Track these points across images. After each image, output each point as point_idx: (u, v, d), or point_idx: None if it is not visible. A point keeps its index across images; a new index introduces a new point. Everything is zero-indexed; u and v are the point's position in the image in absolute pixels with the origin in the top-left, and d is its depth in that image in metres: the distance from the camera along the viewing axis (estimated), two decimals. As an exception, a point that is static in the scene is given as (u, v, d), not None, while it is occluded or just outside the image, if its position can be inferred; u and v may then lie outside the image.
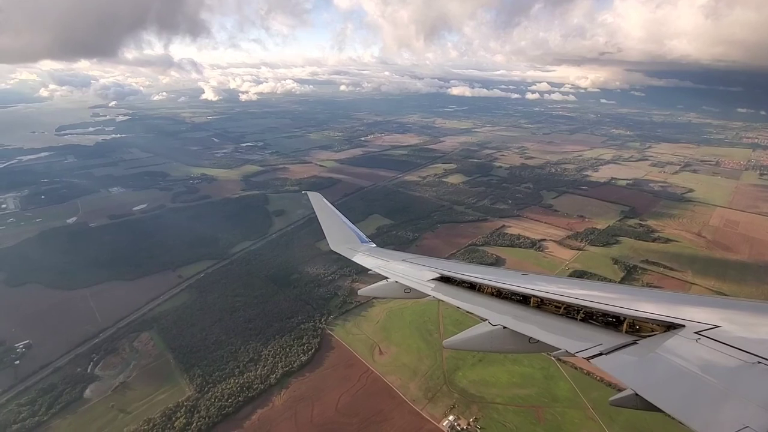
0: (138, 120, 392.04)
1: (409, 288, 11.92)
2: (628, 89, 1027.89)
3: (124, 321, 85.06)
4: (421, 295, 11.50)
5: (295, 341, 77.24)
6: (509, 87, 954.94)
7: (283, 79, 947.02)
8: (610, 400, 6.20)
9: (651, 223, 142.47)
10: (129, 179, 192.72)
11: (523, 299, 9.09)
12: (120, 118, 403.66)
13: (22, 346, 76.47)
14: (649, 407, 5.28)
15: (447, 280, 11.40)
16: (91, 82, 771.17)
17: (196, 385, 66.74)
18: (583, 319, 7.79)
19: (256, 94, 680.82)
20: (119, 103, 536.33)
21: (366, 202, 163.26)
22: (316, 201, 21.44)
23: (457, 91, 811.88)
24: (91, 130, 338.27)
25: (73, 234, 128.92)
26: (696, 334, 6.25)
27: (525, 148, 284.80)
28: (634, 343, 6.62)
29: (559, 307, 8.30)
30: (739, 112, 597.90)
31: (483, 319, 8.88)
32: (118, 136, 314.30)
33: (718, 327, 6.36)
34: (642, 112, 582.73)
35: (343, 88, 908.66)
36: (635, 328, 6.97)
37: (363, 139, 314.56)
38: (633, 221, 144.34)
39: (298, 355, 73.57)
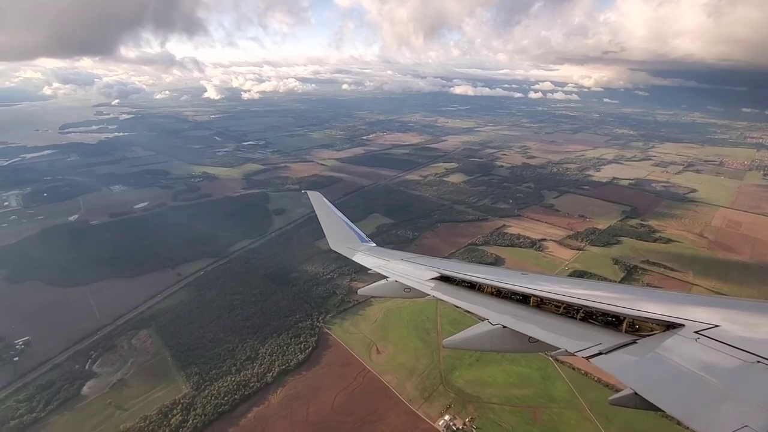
0: (141, 118, 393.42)
1: (409, 287, 11.91)
2: (632, 89, 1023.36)
3: (123, 318, 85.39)
4: (420, 295, 11.48)
5: (293, 340, 77.31)
6: (512, 86, 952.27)
7: (286, 78, 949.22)
8: (609, 399, 6.19)
9: (652, 223, 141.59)
10: (131, 177, 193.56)
11: (522, 299, 9.10)
12: (123, 117, 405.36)
13: (21, 343, 76.98)
14: (648, 407, 5.27)
15: (447, 279, 11.38)
16: (94, 80, 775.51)
17: (192, 383, 66.92)
18: (582, 319, 7.80)
19: (258, 92, 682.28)
20: (122, 102, 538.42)
21: (366, 201, 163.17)
22: (316, 200, 21.43)
23: (459, 90, 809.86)
24: (94, 128, 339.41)
25: (75, 232, 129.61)
26: (695, 333, 6.25)
27: (527, 147, 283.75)
28: (633, 342, 6.63)
29: (559, 306, 8.31)
30: (744, 112, 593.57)
31: (483, 319, 8.86)
32: (121, 134, 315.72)
33: (717, 326, 6.35)
34: (646, 111, 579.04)
35: (346, 86, 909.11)
36: (635, 328, 6.98)
37: (365, 138, 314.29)
38: (634, 221, 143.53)
39: (295, 354, 73.62)
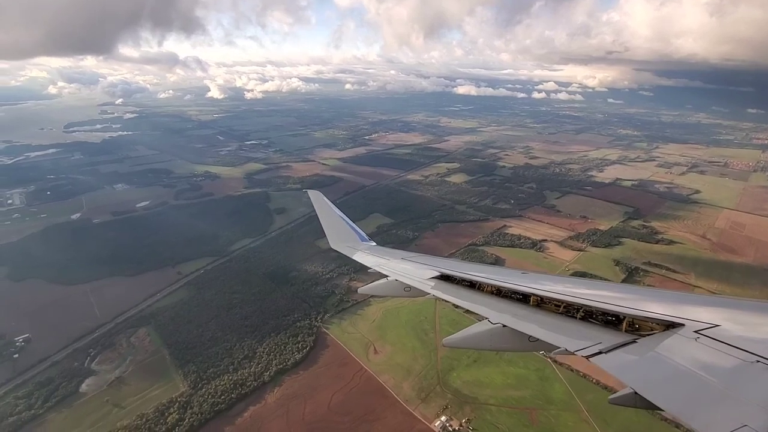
0: (145, 117, 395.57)
1: (409, 286, 11.87)
2: (637, 89, 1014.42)
3: (122, 317, 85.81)
4: (421, 294, 11.46)
5: (290, 339, 77.36)
6: (515, 86, 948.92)
7: (289, 78, 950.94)
8: (609, 398, 6.21)
9: (655, 224, 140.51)
10: (133, 176, 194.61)
11: (522, 298, 9.07)
12: (127, 116, 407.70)
13: (21, 340, 77.53)
14: (648, 406, 5.27)
15: (447, 278, 11.35)
16: (99, 79, 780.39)
17: (190, 382, 67.10)
18: (582, 318, 7.77)
19: (261, 92, 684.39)
20: (126, 101, 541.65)
21: (367, 200, 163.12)
22: (317, 199, 21.40)
23: (462, 90, 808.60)
24: (98, 127, 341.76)
25: (77, 230, 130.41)
26: (695, 333, 6.24)
27: (530, 147, 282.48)
28: (633, 341, 6.61)
29: (559, 305, 8.27)
30: (750, 113, 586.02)
31: (483, 318, 8.83)
32: (125, 133, 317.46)
33: (717, 326, 6.34)
34: (650, 112, 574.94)
35: (348, 86, 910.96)
36: (635, 327, 6.96)
37: (367, 137, 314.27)
38: (637, 222, 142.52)
39: (293, 353, 73.68)
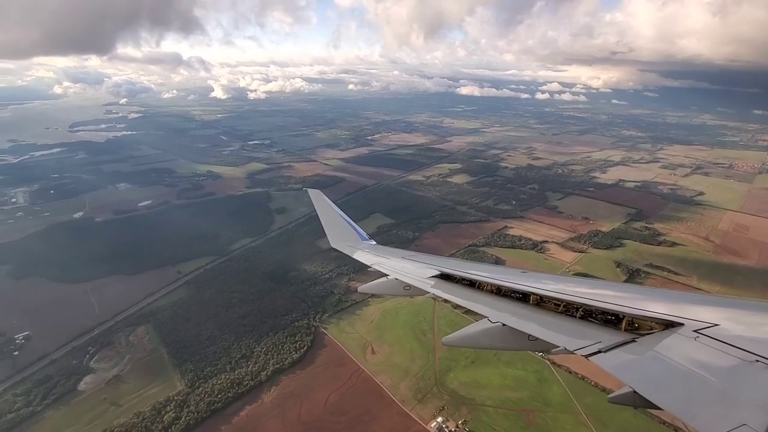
0: (149, 117, 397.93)
1: (409, 285, 11.84)
2: (641, 90, 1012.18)
3: (122, 315, 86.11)
4: (420, 293, 11.45)
5: (288, 338, 77.34)
6: (519, 87, 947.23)
7: (292, 78, 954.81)
8: (608, 397, 6.28)
9: (658, 226, 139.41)
10: (136, 176, 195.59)
11: (522, 297, 9.05)
12: (132, 116, 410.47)
13: (21, 338, 77.95)
14: (647, 405, 5.31)
15: (447, 277, 11.33)
16: (104, 79, 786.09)
17: (187, 380, 67.22)
18: (582, 317, 7.75)
19: (264, 92, 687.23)
20: (130, 101, 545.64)
21: (368, 200, 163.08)
22: (317, 198, 21.30)
23: (466, 90, 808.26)
24: (103, 126, 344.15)
25: (79, 228, 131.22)
26: (695, 332, 6.25)
27: (533, 148, 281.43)
28: (632, 341, 6.61)
29: (559, 304, 8.25)
30: (756, 114, 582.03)
31: (482, 317, 8.82)
32: (129, 133, 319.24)
33: (716, 325, 6.34)
34: (655, 113, 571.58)
35: (352, 87, 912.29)
36: (634, 326, 6.95)
37: (369, 138, 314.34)
38: (639, 224, 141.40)
39: (290, 353, 73.63)
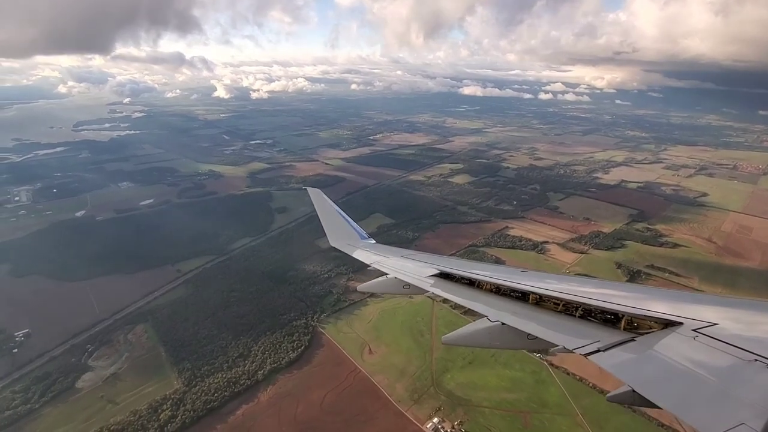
0: (152, 117, 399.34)
1: (408, 284, 11.81)
2: (646, 90, 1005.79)
3: (121, 313, 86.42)
4: (420, 292, 11.44)
5: (286, 338, 77.33)
6: (523, 87, 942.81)
7: (295, 78, 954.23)
8: (607, 396, 6.29)
9: (660, 227, 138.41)
10: (138, 174, 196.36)
11: (521, 296, 9.04)
12: (136, 115, 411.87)
13: (21, 335, 78.39)
14: (646, 404, 5.30)
15: (446, 276, 11.29)
16: (108, 79, 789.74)
17: (184, 379, 67.34)
18: (581, 316, 7.75)
19: (267, 92, 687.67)
20: (134, 100, 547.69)
21: (369, 200, 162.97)
22: (316, 197, 21.30)
23: (468, 90, 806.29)
24: (106, 126, 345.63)
25: (80, 227, 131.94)
26: (694, 331, 6.25)
27: (535, 148, 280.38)
28: (632, 340, 6.61)
29: (558, 303, 8.24)
30: (761, 115, 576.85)
31: (482, 316, 8.83)
32: (133, 132, 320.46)
33: (715, 325, 6.34)
34: (659, 113, 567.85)
35: (354, 87, 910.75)
36: (633, 326, 6.95)
37: (371, 137, 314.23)
38: (641, 225, 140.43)
39: (287, 352, 73.61)
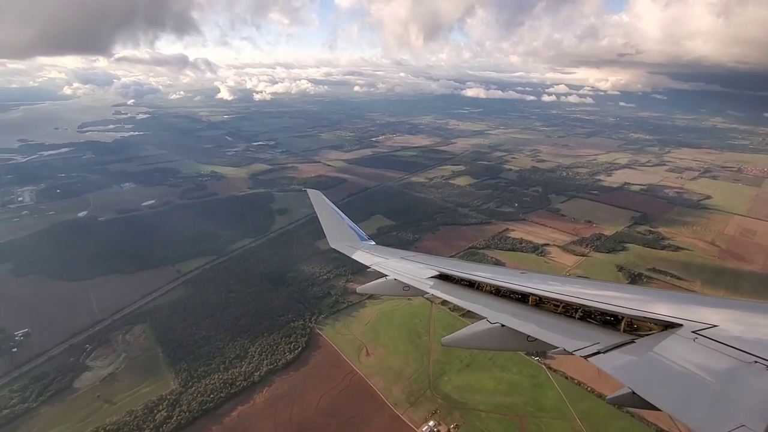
0: (156, 118, 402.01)
1: (408, 286, 11.78)
2: (650, 92, 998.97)
3: (120, 313, 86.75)
4: (419, 293, 11.41)
5: (283, 339, 77.23)
6: (526, 89, 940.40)
7: (298, 79, 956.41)
8: (607, 398, 6.31)
9: (662, 230, 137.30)
10: (141, 175, 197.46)
11: (521, 297, 9.00)
12: (140, 116, 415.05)
13: (20, 335, 78.81)
14: (646, 405, 5.28)
15: (446, 278, 11.26)
16: (113, 81, 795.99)
17: (180, 380, 67.39)
18: (581, 318, 7.72)
19: (270, 94, 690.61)
20: (138, 102, 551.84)
21: (370, 202, 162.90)
22: (316, 198, 21.28)
23: (471, 92, 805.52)
24: (111, 127, 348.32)
25: (82, 227, 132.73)
26: (693, 333, 6.23)
27: (537, 151, 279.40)
28: (631, 341, 6.60)
29: (558, 305, 8.21)
30: (767, 117, 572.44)
31: (481, 317, 8.79)
32: (136, 133, 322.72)
33: (715, 326, 6.32)
34: (664, 116, 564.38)
35: (357, 88, 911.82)
36: (633, 327, 6.93)
37: (374, 139, 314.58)
38: (643, 228, 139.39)
39: (284, 354, 73.51)
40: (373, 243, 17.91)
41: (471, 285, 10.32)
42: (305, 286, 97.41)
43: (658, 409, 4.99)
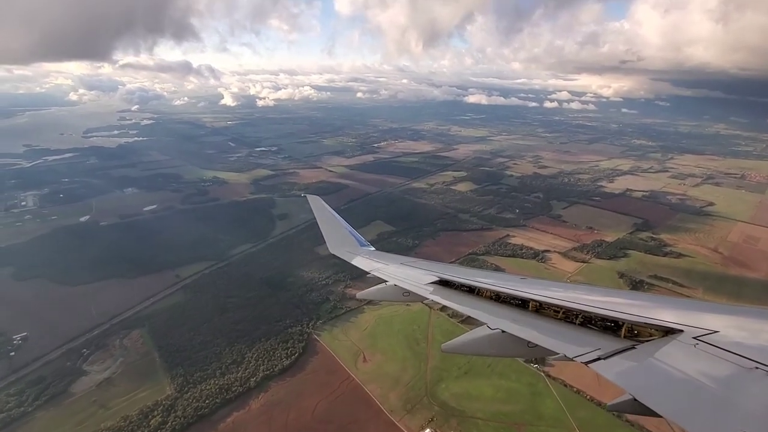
0: (160, 124, 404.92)
1: (408, 291, 11.75)
2: (653, 99, 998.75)
3: (118, 318, 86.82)
4: (419, 299, 11.39)
5: (280, 345, 76.98)
6: (528, 95, 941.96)
7: (301, 86, 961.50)
8: (608, 404, 6.22)
9: (664, 236, 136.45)
10: (144, 180, 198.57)
11: (521, 303, 8.98)
12: (144, 122, 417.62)
13: (19, 339, 78.94)
14: (646, 412, 5.21)
15: (446, 283, 11.23)
16: (118, 87, 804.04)
17: (176, 385, 67.20)
18: (581, 324, 7.68)
19: (274, 100, 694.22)
20: (142, 108, 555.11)
21: (370, 208, 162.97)
22: (316, 204, 21.29)
23: (473, 99, 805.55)
24: (115, 133, 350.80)
25: (84, 232, 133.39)
26: (694, 339, 6.19)
27: (539, 157, 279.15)
28: (632, 347, 6.57)
29: (558, 311, 8.18)
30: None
31: (481, 323, 8.78)
32: (140, 139, 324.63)
33: (716, 332, 6.29)
34: (667, 122, 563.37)
35: (360, 95, 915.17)
36: (634, 333, 6.91)
37: (376, 145, 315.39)
38: (645, 234, 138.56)
39: (281, 359, 73.20)
40: (373, 249, 17.88)
41: (471, 291, 10.32)
42: (304, 291, 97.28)
43: (659, 416, 4.97)
